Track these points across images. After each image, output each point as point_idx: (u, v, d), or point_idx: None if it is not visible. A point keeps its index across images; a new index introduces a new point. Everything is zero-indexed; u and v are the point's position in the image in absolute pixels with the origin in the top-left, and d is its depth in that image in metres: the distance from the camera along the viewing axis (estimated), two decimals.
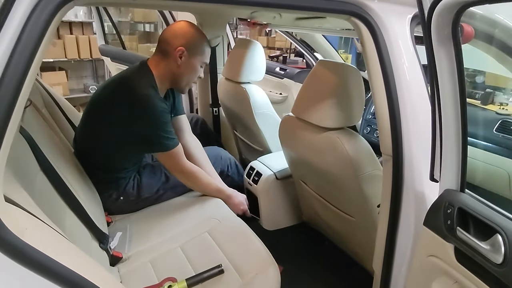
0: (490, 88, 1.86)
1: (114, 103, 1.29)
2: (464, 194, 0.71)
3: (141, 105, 1.26)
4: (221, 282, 1.05)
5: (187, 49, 1.31)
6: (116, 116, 1.28)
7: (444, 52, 0.59)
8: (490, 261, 0.59)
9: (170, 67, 1.34)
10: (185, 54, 1.31)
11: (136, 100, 1.26)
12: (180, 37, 1.32)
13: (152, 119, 1.27)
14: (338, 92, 1.12)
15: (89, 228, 1.06)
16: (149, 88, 1.29)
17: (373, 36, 0.85)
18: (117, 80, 1.36)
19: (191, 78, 1.40)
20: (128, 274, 1.13)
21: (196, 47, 1.34)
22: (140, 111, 1.26)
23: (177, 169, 1.39)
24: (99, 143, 1.35)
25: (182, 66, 1.34)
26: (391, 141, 0.88)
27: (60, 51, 3.65)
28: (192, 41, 1.33)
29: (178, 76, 1.37)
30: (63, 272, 0.56)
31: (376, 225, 1.16)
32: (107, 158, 1.37)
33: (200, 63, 1.38)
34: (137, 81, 1.30)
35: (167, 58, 1.33)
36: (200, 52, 1.36)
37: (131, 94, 1.26)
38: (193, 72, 1.38)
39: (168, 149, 1.32)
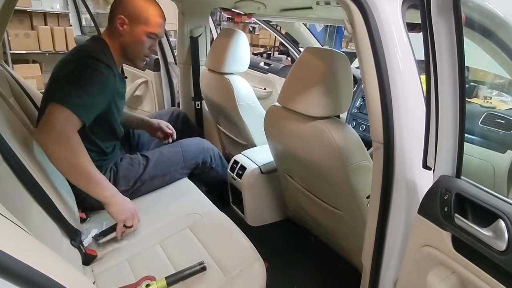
0: (473, 82, 1.87)
1: (61, 72, 1.18)
2: (461, 180, 0.67)
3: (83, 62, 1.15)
4: (203, 280, 1.00)
5: (128, 17, 1.22)
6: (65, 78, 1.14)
7: (444, 24, 0.55)
8: (492, 248, 0.56)
9: (115, 38, 1.26)
10: (126, 23, 1.23)
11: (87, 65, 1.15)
12: (120, 5, 1.24)
13: (91, 77, 1.13)
14: (326, 79, 1.08)
15: (59, 224, 0.98)
16: (106, 58, 1.20)
17: (363, 15, 0.81)
18: (69, 55, 1.26)
19: (138, 50, 1.28)
20: (103, 274, 1.06)
21: (138, 15, 1.23)
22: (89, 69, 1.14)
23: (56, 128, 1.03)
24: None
25: (125, 36, 1.25)
26: (382, 128, 0.84)
27: (34, 43, 3.49)
28: (134, 8, 1.23)
29: (124, 48, 1.28)
30: (24, 272, 0.49)
31: (364, 218, 1.13)
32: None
33: (145, 33, 1.25)
34: (91, 51, 1.21)
35: (111, 28, 1.26)
36: (143, 21, 1.24)
37: (84, 60, 1.16)
38: (138, 44, 1.26)
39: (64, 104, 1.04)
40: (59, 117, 1.04)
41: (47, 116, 1.04)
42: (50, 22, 3.63)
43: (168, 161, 1.46)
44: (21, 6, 3.32)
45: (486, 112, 1.57)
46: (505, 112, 1.58)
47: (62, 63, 1.22)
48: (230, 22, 6.31)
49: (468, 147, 1.61)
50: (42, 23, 3.59)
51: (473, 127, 1.57)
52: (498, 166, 1.51)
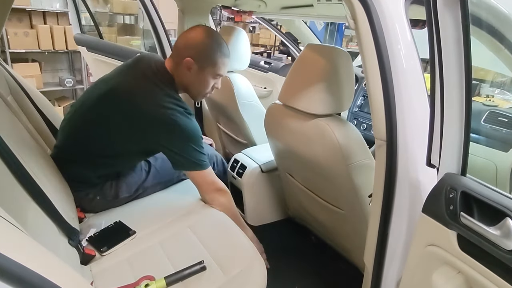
0: (475, 81, 1.86)
1: (130, 110, 1.15)
2: (466, 178, 0.66)
3: (169, 122, 1.14)
4: (203, 280, 0.98)
5: (196, 60, 1.19)
6: (132, 124, 1.16)
7: (451, 18, 0.54)
8: (499, 247, 0.54)
9: (181, 77, 1.23)
10: (194, 66, 1.20)
11: (161, 114, 1.14)
12: (189, 47, 1.20)
13: (182, 136, 1.16)
14: (328, 76, 1.07)
15: (56, 223, 0.96)
16: (175, 98, 1.18)
17: (366, 11, 0.80)
18: (132, 82, 1.20)
19: (202, 90, 1.28)
20: (101, 273, 1.04)
21: (206, 59, 1.21)
22: (167, 128, 1.15)
23: (215, 187, 1.29)
24: (100, 150, 1.23)
25: (191, 78, 1.23)
26: (385, 125, 0.83)
27: (33, 42, 3.46)
28: (202, 52, 1.20)
29: (187, 86, 1.26)
30: (18, 272, 0.48)
31: (366, 217, 1.11)
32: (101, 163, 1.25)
33: (212, 75, 1.25)
34: (157, 86, 1.18)
35: (178, 67, 1.22)
36: (211, 64, 1.22)
37: (153, 104, 1.14)
38: (203, 85, 1.26)
39: (204, 168, 1.23)
40: (206, 179, 1.26)
41: (199, 184, 1.28)
42: (50, 21, 3.61)
43: (171, 168, 1.43)
44: (20, 4, 3.30)
45: (488, 111, 1.56)
46: (508, 110, 1.57)
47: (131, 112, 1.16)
48: (231, 22, 6.29)
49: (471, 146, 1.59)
50: (42, 22, 3.57)
51: (475, 126, 1.56)
52: (501, 164, 1.50)
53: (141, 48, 4.08)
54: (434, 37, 0.61)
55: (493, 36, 1.12)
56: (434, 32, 0.60)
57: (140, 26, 4.29)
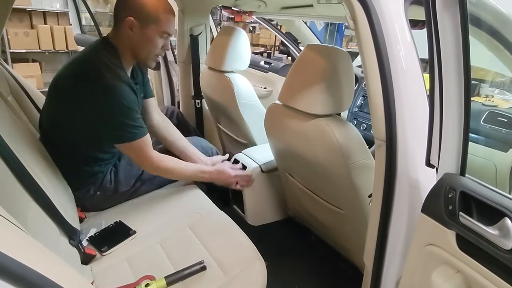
0: (475, 81, 1.86)
1: (76, 89, 1.14)
2: (465, 178, 0.66)
3: (103, 89, 1.11)
4: (203, 279, 0.99)
5: (137, 18, 1.14)
6: (80, 104, 1.14)
7: (450, 19, 0.54)
8: (498, 247, 0.55)
9: (125, 40, 1.19)
10: (136, 25, 1.15)
11: (98, 82, 1.11)
12: (127, 5, 1.16)
13: (113, 102, 1.12)
14: (328, 76, 1.07)
15: (57, 222, 0.97)
16: (111, 67, 1.15)
17: (365, 11, 0.80)
18: (77, 61, 1.20)
19: (151, 51, 1.22)
20: (102, 273, 1.05)
21: (147, 15, 1.15)
22: (102, 95, 1.12)
23: (144, 162, 1.26)
24: (67, 134, 1.23)
25: (136, 38, 1.17)
26: (385, 125, 0.83)
27: (34, 42, 3.47)
28: (142, 8, 1.15)
29: (134, 50, 1.21)
30: (19, 271, 0.48)
31: (366, 217, 1.11)
32: (80, 149, 1.26)
33: (157, 33, 1.19)
34: (98, 60, 1.15)
35: (120, 30, 1.18)
36: (154, 21, 1.16)
37: (92, 77, 1.12)
38: (150, 44, 1.20)
39: (132, 140, 1.18)
40: (136, 152, 1.23)
41: (132, 157, 1.26)
42: (50, 21, 3.62)
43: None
44: (20, 5, 3.31)
45: (488, 111, 1.56)
46: (507, 110, 1.57)
47: (78, 83, 1.15)
48: (231, 22, 6.29)
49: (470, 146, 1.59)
50: (42, 22, 3.58)
51: (475, 126, 1.56)
52: (500, 164, 1.50)
53: None
54: (433, 38, 0.61)
55: (492, 36, 1.12)
56: (433, 33, 0.60)
57: None
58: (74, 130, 1.20)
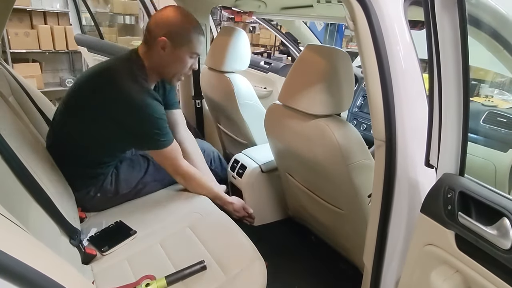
0: (475, 81, 1.86)
1: (100, 97, 1.17)
2: (464, 178, 0.67)
3: (131, 101, 1.14)
4: (203, 279, 0.99)
5: (170, 39, 1.17)
6: (102, 112, 1.17)
7: (449, 20, 0.54)
8: (497, 246, 0.55)
9: (155, 58, 1.22)
10: (168, 45, 1.18)
11: (125, 95, 1.14)
12: (162, 25, 1.19)
13: (144, 116, 1.16)
14: (328, 77, 1.07)
15: (57, 222, 0.97)
16: (139, 81, 1.18)
17: (365, 12, 0.80)
18: (103, 70, 1.22)
19: (178, 70, 1.26)
20: (102, 273, 1.05)
21: (180, 37, 1.19)
22: (130, 108, 1.15)
23: (173, 169, 1.31)
24: (81, 138, 1.24)
25: (166, 58, 1.21)
26: (384, 125, 0.83)
27: (34, 42, 3.47)
28: (176, 30, 1.18)
29: (163, 68, 1.24)
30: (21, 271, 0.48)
31: (365, 217, 1.12)
32: (88, 153, 1.26)
33: (188, 54, 1.23)
34: (125, 72, 1.18)
35: (151, 49, 1.21)
36: (186, 42, 1.20)
37: (118, 88, 1.15)
38: (179, 64, 1.24)
39: (163, 147, 1.24)
40: (168, 160, 1.29)
41: (162, 164, 1.31)
42: (50, 21, 3.62)
43: None
44: (21, 5, 3.30)
45: (487, 111, 1.56)
46: (507, 110, 1.57)
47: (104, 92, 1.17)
48: (231, 22, 6.29)
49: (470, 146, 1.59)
50: (42, 22, 3.57)
51: (474, 126, 1.56)
52: (500, 165, 1.50)
53: None
54: (432, 38, 0.61)
55: (491, 37, 1.12)
56: (432, 33, 0.60)
57: (140, 26, 4.29)
58: (88, 136, 1.22)
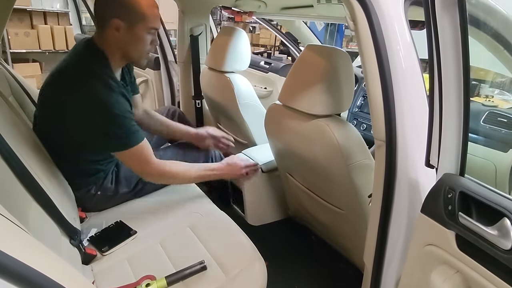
0: (475, 81, 1.86)
1: (65, 101, 1.10)
2: (465, 178, 0.67)
3: (94, 100, 1.08)
4: (203, 279, 0.99)
5: (122, 18, 1.09)
6: (71, 115, 1.11)
7: (449, 20, 0.54)
8: (497, 247, 0.55)
9: (111, 43, 1.13)
10: (122, 25, 1.10)
11: (87, 94, 1.08)
12: (110, 6, 1.10)
13: (106, 115, 1.09)
14: (328, 77, 1.07)
15: (58, 223, 0.97)
16: (102, 76, 1.11)
17: (365, 12, 0.80)
18: (63, 72, 1.15)
19: (141, 49, 1.17)
20: (102, 273, 1.05)
21: (133, 14, 1.10)
22: (93, 107, 1.08)
23: (146, 169, 1.20)
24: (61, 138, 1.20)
25: (123, 39, 1.12)
26: (384, 125, 0.83)
27: (34, 42, 3.47)
28: (126, 7, 1.09)
29: (123, 51, 1.16)
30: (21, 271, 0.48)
31: (366, 217, 1.12)
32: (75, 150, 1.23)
33: (146, 30, 1.14)
34: (84, 70, 1.11)
35: (105, 33, 1.12)
36: (140, 18, 1.11)
37: (80, 89, 1.08)
38: (140, 43, 1.15)
39: (129, 147, 1.13)
40: (137, 157, 1.17)
41: (131, 165, 1.20)
42: (50, 21, 3.62)
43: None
44: (21, 5, 3.31)
45: (488, 111, 1.56)
46: (507, 110, 1.57)
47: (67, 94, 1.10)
48: (231, 22, 6.30)
49: (470, 146, 1.59)
50: (42, 22, 3.58)
51: (475, 126, 1.56)
52: (500, 165, 1.50)
53: None
54: (432, 38, 0.61)
55: (492, 37, 1.12)
56: (432, 33, 0.60)
57: None
58: (68, 137, 1.18)
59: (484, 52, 1.23)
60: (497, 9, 1.08)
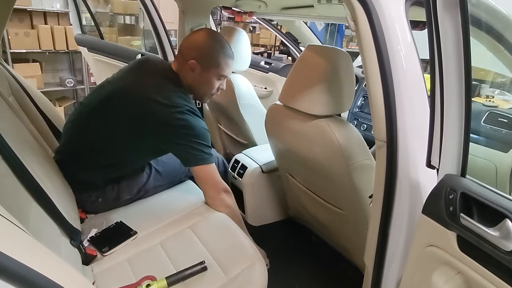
0: (475, 81, 1.86)
1: (147, 113, 1.16)
2: (466, 179, 0.66)
3: (177, 122, 1.16)
4: (204, 280, 0.99)
5: (199, 61, 1.22)
6: (145, 127, 1.17)
7: (450, 21, 0.54)
8: (499, 248, 0.55)
9: (186, 78, 1.26)
10: (198, 67, 1.23)
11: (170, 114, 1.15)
12: (193, 48, 1.24)
13: (189, 133, 1.17)
14: (328, 77, 1.07)
15: (58, 223, 0.97)
16: (187, 97, 1.22)
17: (366, 12, 0.80)
18: (148, 87, 1.19)
19: (207, 91, 1.31)
20: (103, 274, 1.05)
21: (209, 60, 1.24)
22: (182, 120, 1.16)
23: (216, 186, 1.28)
24: (106, 153, 1.23)
25: (195, 79, 1.25)
26: (385, 126, 0.83)
27: (34, 42, 3.46)
28: (205, 53, 1.23)
29: (192, 88, 1.28)
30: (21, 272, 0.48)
31: (366, 217, 1.12)
32: (108, 167, 1.26)
33: (216, 76, 1.28)
34: (174, 88, 1.21)
35: (182, 69, 1.25)
36: (214, 65, 1.25)
37: (163, 106, 1.15)
38: (207, 86, 1.29)
39: (209, 162, 1.22)
40: (212, 175, 1.25)
41: (205, 181, 1.27)
42: (50, 21, 3.61)
43: (173, 170, 1.43)
44: (21, 5, 3.30)
45: (488, 111, 1.56)
46: (508, 111, 1.57)
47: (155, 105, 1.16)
48: (231, 22, 6.30)
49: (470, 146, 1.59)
50: (42, 22, 3.56)
51: (475, 126, 1.56)
52: (501, 165, 1.50)
53: (142, 48, 4.08)
54: (434, 39, 0.61)
55: (492, 37, 1.12)
56: (434, 34, 0.60)
57: (140, 26, 4.29)
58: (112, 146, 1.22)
59: (484, 52, 1.23)
60: (497, 9, 1.08)
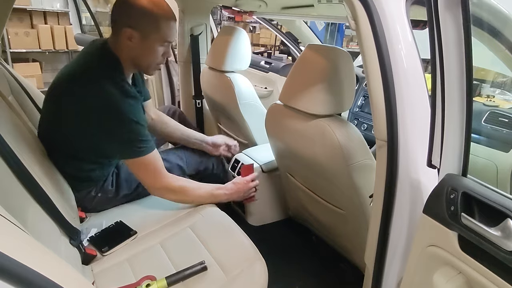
0: (476, 81, 1.86)
1: (79, 105, 1.09)
2: (467, 178, 0.66)
3: (110, 106, 1.07)
4: (204, 280, 0.98)
5: (136, 28, 1.06)
6: (82, 120, 1.10)
7: (452, 20, 0.54)
8: (500, 248, 0.54)
9: (124, 50, 1.12)
10: (135, 35, 1.07)
11: (104, 99, 1.07)
12: (124, 14, 1.08)
13: (124, 121, 1.08)
14: (329, 76, 1.07)
15: (57, 222, 0.97)
16: (118, 82, 1.10)
17: (367, 11, 0.80)
18: (78, 72, 1.12)
19: (152, 60, 1.16)
20: (102, 273, 1.05)
21: (147, 25, 1.07)
22: (110, 112, 1.07)
23: (156, 180, 1.19)
24: (68, 140, 1.20)
25: (135, 49, 1.10)
26: (386, 125, 0.83)
27: (34, 42, 3.47)
28: (141, 17, 1.06)
29: (135, 60, 1.15)
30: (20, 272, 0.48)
31: (367, 217, 1.11)
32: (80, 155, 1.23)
33: (159, 42, 1.11)
34: (102, 74, 1.09)
35: (118, 40, 1.11)
36: (154, 30, 1.09)
37: (96, 94, 1.07)
38: (150, 55, 1.13)
39: (142, 155, 1.12)
40: (148, 167, 1.16)
41: (140, 174, 1.19)
42: (50, 21, 3.62)
43: (171, 168, 1.41)
44: (21, 4, 3.30)
45: (489, 111, 1.56)
46: (509, 110, 1.57)
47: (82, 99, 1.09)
48: (231, 21, 6.30)
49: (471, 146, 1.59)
50: (42, 22, 3.57)
51: (476, 126, 1.56)
52: (502, 165, 1.50)
53: None
54: (435, 38, 0.61)
55: (493, 37, 1.12)
56: (435, 33, 0.60)
57: None
58: (76, 140, 1.17)
59: (485, 52, 1.23)
60: (498, 8, 1.08)
